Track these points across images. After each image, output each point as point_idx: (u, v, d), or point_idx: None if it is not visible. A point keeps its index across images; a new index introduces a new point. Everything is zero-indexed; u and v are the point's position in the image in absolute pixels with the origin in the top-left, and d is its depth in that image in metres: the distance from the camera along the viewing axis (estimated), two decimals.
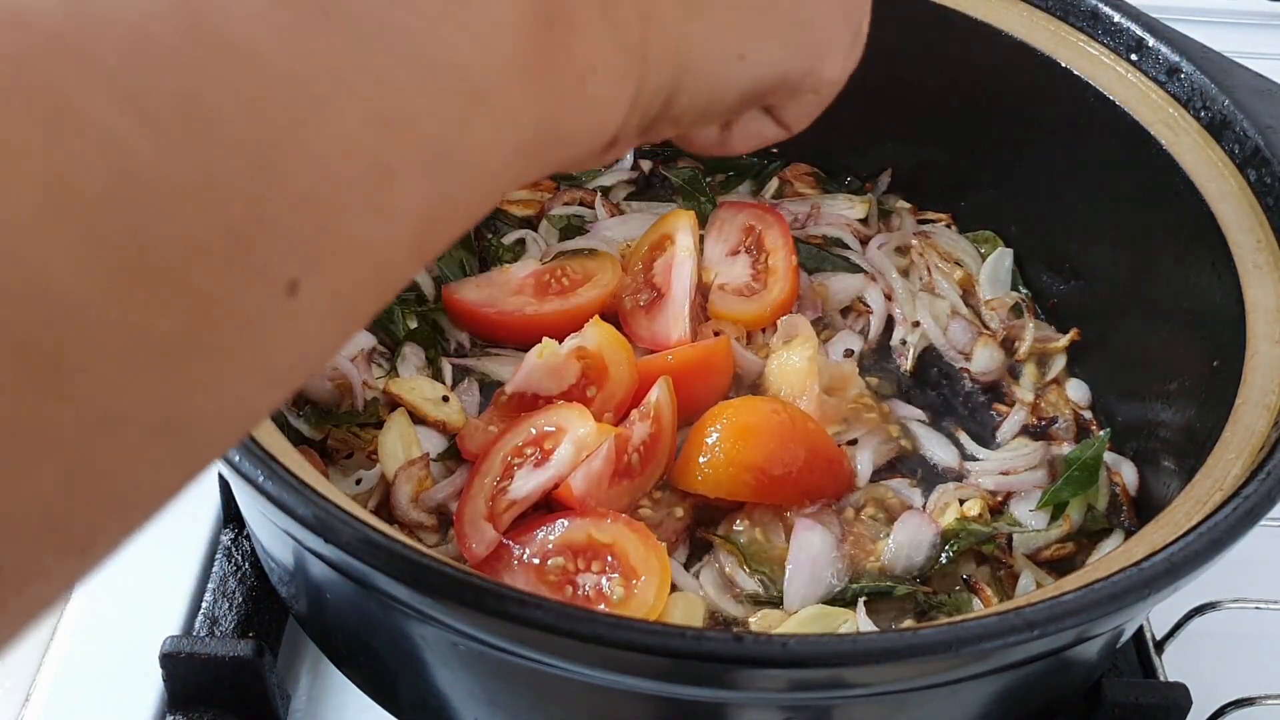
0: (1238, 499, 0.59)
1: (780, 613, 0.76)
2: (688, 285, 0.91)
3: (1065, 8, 0.89)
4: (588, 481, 0.76)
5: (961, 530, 0.80)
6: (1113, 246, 0.91)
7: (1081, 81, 0.87)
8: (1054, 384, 0.93)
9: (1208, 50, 0.83)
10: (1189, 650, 0.80)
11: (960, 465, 0.87)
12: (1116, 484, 0.85)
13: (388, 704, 0.72)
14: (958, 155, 1.01)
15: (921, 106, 0.99)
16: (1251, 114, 0.78)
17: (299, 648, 0.82)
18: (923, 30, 0.94)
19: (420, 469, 0.81)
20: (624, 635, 0.51)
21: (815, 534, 0.78)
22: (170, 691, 0.74)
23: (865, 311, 0.97)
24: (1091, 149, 0.88)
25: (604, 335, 0.85)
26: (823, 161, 1.08)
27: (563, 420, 0.80)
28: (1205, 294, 0.78)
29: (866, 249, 1.02)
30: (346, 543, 0.53)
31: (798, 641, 0.52)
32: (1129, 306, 0.89)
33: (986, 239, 1.02)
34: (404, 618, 0.59)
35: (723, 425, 0.80)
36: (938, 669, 0.55)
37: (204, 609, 0.79)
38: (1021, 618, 0.53)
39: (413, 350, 0.90)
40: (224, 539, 0.82)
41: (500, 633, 0.53)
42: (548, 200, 1.04)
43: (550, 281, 0.94)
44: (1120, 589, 0.55)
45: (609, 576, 0.73)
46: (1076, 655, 0.65)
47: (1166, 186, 0.81)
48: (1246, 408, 0.67)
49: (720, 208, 1.01)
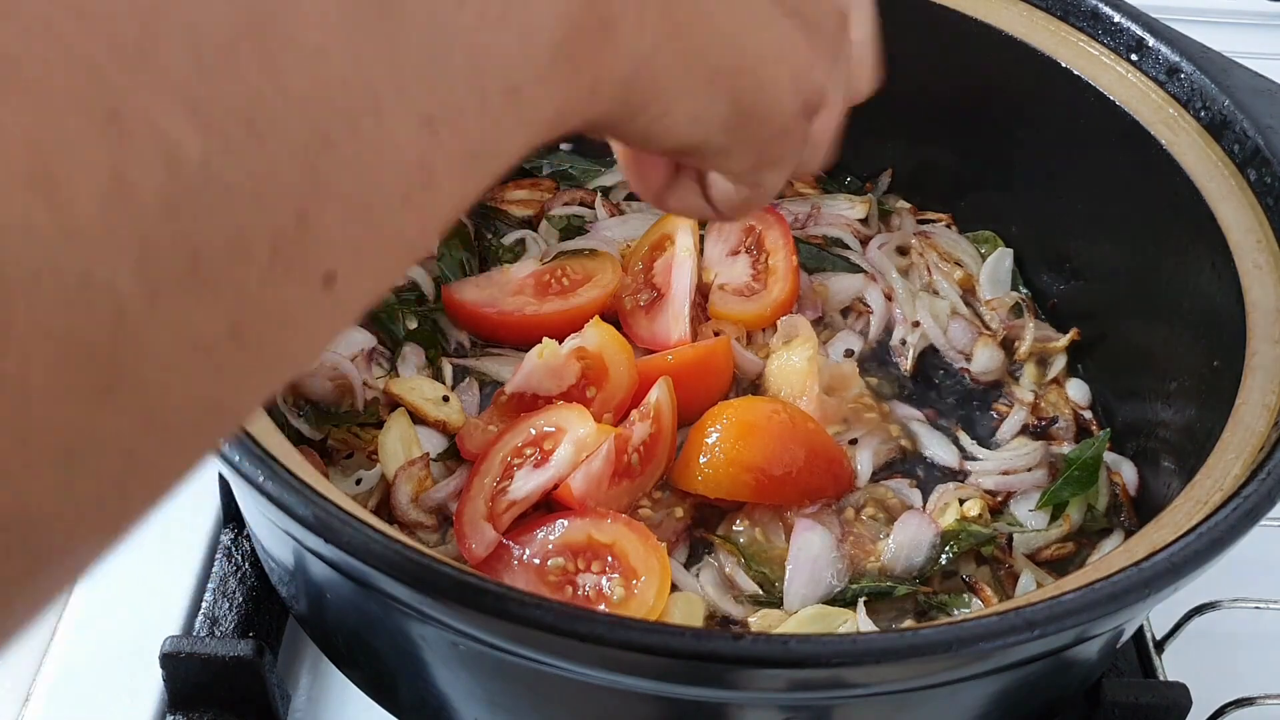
0: (1238, 499, 0.60)
1: (780, 613, 0.76)
2: (688, 285, 0.91)
3: (1065, 8, 0.89)
4: (587, 482, 0.76)
5: (961, 531, 0.80)
6: (1113, 246, 0.90)
7: (1081, 81, 0.87)
8: (1054, 384, 0.93)
9: (1208, 50, 0.83)
10: (1189, 650, 0.80)
11: (960, 465, 0.87)
12: (1116, 484, 0.85)
13: (388, 704, 0.72)
14: (958, 155, 1.01)
15: (921, 106, 0.99)
16: (1251, 114, 0.78)
17: (299, 648, 0.82)
18: (923, 30, 0.94)
19: (420, 469, 0.81)
20: (624, 635, 0.51)
21: (815, 534, 0.78)
22: (170, 691, 0.74)
23: (865, 311, 0.97)
24: (1091, 149, 0.88)
25: (604, 336, 0.85)
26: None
27: (562, 421, 0.80)
28: (1205, 294, 0.78)
29: (867, 249, 1.02)
30: (346, 543, 0.53)
31: (798, 641, 0.52)
32: (1129, 306, 0.89)
33: (986, 239, 1.02)
34: (404, 618, 0.59)
35: (723, 425, 0.80)
36: (938, 669, 0.55)
37: (204, 609, 0.79)
38: (1021, 618, 0.53)
39: (413, 350, 0.90)
40: (224, 539, 0.82)
41: (500, 633, 0.53)
42: (548, 200, 1.04)
43: (550, 281, 0.94)
44: (1120, 589, 0.55)
45: (609, 577, 0.73)
46: (1077, 655, 0.65)
47: (1166, 186, 0.81)
48: (1246, 408, 0.67)
49: None
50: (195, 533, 0.85)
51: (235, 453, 0.56)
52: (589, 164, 1.08)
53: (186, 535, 0.85)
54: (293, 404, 0.85)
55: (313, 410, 0.85)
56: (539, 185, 1.05)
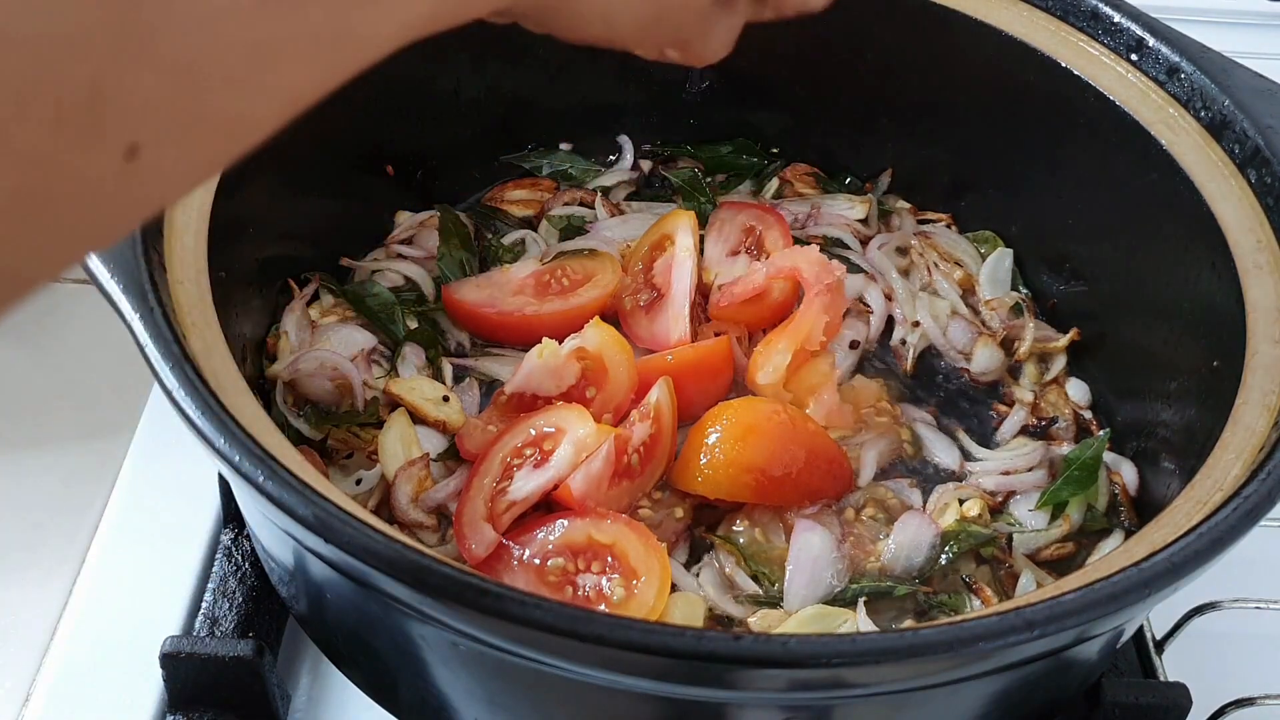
0: (1238, 499, 0.60)
1: (780, 613, 0.76)
2: (688, 285, 0.91)
3: (1065, 8, 0.89)
4: (587, 483, 0.76)
5: (961, 532, 0.80)
6: (1113, 247, 0.90)
7: (1081, 81, 0.87)
8: (1054, 384, 0.93)
9: (1208, 50, 0.83)
10: (1189, 650, 0.80)
11: (961, 465, 0.87)
12: (1116, 484, 0.85)
13: (388, 704, 0.72)
14: (958, 155, 1.01)
15: (922, 106, 0.99)
16: (1251, 114, 0.78)
17: (299, 648, 0.82)
18: (923, 31, 0.94)
19: (420, 469, 0.81)
20: (624, 635, 0.51)
21: (815, 535, 0.78)
22: (170, 691, 0.74)
23: (865, 312, 0.97)
24: (1091, 149, 0.88)
25: (604, 337, 0.85)
26: (823, 161, 1.08)
27: (562, 421, 0.80)
28: (1205, 294, 0.78)
29: (867, 249, 1.02)
30: (346, 543, 0.53)
31: (798, 641, 0.52)
32: (1129, 306, 0.89)
33: (986, 239, 1.02)
34: (404, 618, 0.59)
35: (723, 426, 0.80)
36: (938, 669, 0.55)
37: (204, 609, 0.79)
38: (1021, 618, 0.53)
39: (413, 350, 0.90)
40: (224, 539, 0.82)
41: (500, 633, 0.53)
42: (548, 200, 1.04)
43: (550, 282, 0.94)
44: (1120, 589, 0.55)
45: (609, 577, 0.73)
46: (1077, 655, 0.65)
47: (1166, 186, 0.81)
48: (1246, 408, 0.67)
49: (720, 208, 1.01)
50: (195, 533, 0.85)
51: (235, 453, 0.56)
52: (589, 164, 1.08)
53: (186, 535, 0.85)
54: (293, 404, 0.85)
55: (313, 410, 0.85)
56: (539, 185, 1.05)
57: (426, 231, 0.98)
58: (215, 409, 0.58)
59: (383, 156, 0.99)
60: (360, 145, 0.96)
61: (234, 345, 0.68)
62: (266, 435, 0.60)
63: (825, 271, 0.86)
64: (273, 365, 0.85)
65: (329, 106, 0.37)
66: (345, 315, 0.91)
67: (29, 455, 0.94)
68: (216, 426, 0.57)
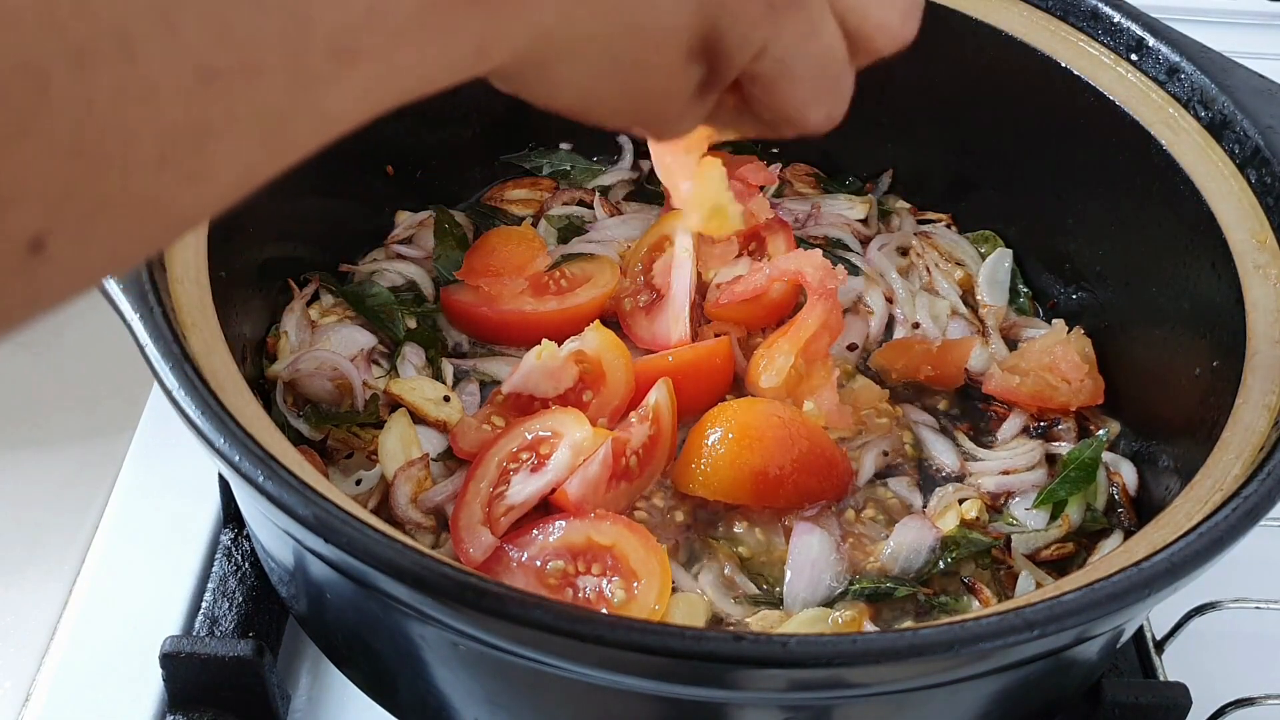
0: (1238, 499, 0.60)
1: (780, 613, 0.76)
2: (687, 286, 0.91)
3: (1065, 8, 0.89)
4: (584, 486, 0.76)
5: (962, 538, 0.80)
6: (1113, 247, 0.91)
7: (1081, 81, 0.87)
8: None
9: (1208, 50, 0.83)
10: (1189, 650, 0.80)
11: (961, 466, 0.87)
12: (1116, 484, 0.85)
13: (388, 704, 0.72)
14: (958, 155, 1.01)
15: (921, 106, 0.99)
16: (1251, 114, 0.78)
17: (299, 648, 0.82)
18: (923, 30, 0.94)
19: (420, 469, 0.81)
20: (624, 635, 0.51)
21: (814, 537, 0.78)
22: (170, 691, 0.74)
23: (866, 312, 0.97)
24: (1091, 149, 0.88)
25: (603, 340, 0.85)
26: (823, 161, 1.08)
27: (559, 425, 0.79)
28: (1205, 294, 0.78)
29: (867, 250, 1.02)
30: (346, 543, 0.53)
31: (798, 641, 0.52)
32: (1129, 307, 0.89)
33: (986, 239, 1.02)
34: (404, 618, 0.59)
35: (722, 427, 0.80)
36: (938, 669, 0.55)
37: (204, 609, 0.79)
38: (1021, 618, 0.53)
39: (413, 350, 0.90)
40: (224, 539, 0.82)
41: (500, 633, 0.53)
42: (547, 200, 1.04)
43: (548, 282, 0.94)
44: (1120, 589, 0.55)
45: (609, 579, 0.73)
46: (1077, 655, 0.65)
47: (1166, 186, 0.81)
48: (1246, 408, 0.67)
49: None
50: (195, 533, 0.85)
51: (235, 452, 0.56)
52: (589, 164, 1.08)
53: (186, 535, 0.85)
54: (292, 404, 0.85)
55: (313, 410, 0.85)
56: (538, 185, 1.05)
57: (426, 231, 0.98)
58: (215, 409, 0.58)
59: (383, 156, 0.98)
60: (360, 145, 0.95)
61: (234, 345, 0.68)
62: (266, 435, 0.60)
63: (829, 276, 0.86)
64: (273, 365, 0.85)
65: None
66: (345, 315, 0.91)
67: (29, 455, 0.94)
68: (216, 426, 0.57)
